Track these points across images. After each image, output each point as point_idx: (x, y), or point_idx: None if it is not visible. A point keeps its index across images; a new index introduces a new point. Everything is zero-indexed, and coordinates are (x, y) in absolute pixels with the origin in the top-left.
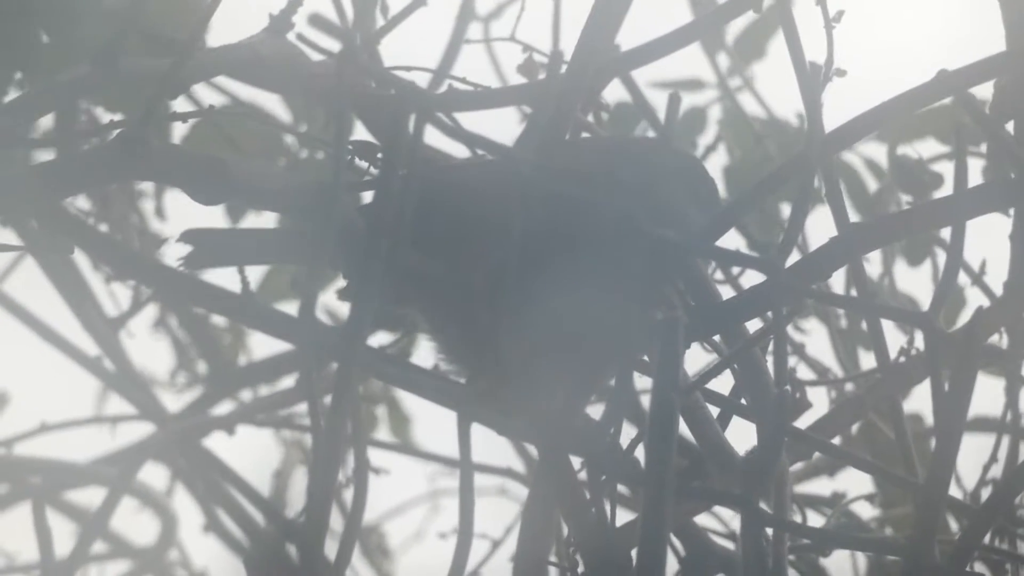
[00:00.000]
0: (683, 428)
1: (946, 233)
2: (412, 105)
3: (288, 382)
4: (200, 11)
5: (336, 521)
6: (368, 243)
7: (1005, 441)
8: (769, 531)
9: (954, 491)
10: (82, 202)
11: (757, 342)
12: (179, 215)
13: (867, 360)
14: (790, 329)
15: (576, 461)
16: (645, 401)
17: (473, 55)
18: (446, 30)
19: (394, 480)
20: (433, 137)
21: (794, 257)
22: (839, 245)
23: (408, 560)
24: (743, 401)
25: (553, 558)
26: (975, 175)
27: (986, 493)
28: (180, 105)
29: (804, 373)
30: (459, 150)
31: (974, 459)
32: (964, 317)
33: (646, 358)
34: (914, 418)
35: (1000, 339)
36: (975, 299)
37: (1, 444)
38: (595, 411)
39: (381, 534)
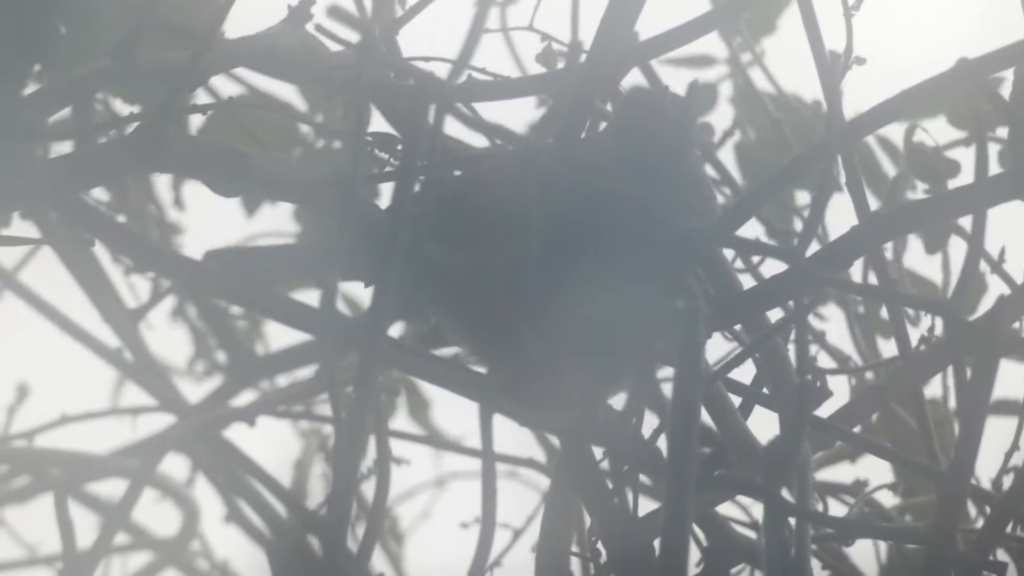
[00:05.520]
0: (705, 417)
1: (964, 221)
2: (431, 96)
3: (307, 372)
4: (218, 2)
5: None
6: (388, 235)
7: None
8: (791, 520)
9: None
10: (100, 193)
11: (778, 331)
12: (197, 205)
13: (886, 347)
14: (810, 316)
15: (598, 451)
16: (667, 391)
17: (491, 44)
18: (465, 19)
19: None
20: (453, 128)
21: (814, 246)
22: (860, 233)
23: (415, 540)
24: (765, 390)
25: (575, 548)
26: (991, 159)
27: (1008, 481)
28: (198, 96)
29: (824, 361)
30: (479, 140)
31: (995, 443)
32: (985, 303)
33: (668, 347)
34: (933, 403)
35: (1021, 327)
36: (995, 287)
37: (22, 436)
38: (617, 401)
39: (393, 518)
